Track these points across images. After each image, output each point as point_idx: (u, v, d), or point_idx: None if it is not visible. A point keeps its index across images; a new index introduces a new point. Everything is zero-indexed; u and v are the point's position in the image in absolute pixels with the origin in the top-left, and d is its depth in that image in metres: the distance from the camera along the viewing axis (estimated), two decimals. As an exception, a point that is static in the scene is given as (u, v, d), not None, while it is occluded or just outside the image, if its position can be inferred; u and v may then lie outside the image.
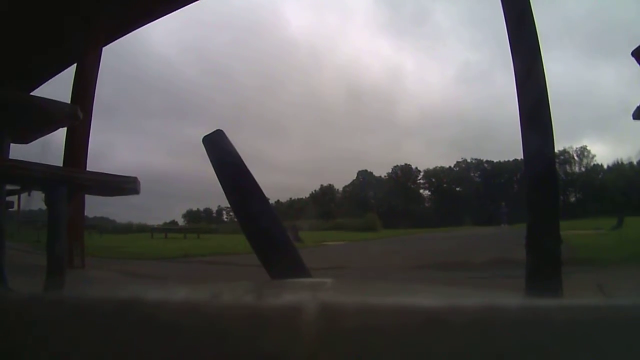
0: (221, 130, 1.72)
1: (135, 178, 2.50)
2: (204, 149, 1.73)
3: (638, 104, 2.79)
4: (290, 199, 74.43)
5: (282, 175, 75.65)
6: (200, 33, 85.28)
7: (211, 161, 1.71)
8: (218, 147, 1.71)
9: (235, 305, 0.54)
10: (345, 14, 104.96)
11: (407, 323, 0.49)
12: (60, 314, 0.57)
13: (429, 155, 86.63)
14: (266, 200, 1.73)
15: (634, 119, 2.89)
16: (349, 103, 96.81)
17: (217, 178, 1.70)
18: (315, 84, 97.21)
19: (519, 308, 0.55)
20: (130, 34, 7.43)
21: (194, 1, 6.59)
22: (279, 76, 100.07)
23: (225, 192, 1.70)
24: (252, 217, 1.70)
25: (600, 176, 63.60)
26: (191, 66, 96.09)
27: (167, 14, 6.89)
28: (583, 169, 66.49)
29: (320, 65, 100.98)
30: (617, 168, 61.27)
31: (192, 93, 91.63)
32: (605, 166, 65.11)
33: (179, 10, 6.84)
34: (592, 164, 66.55)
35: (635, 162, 58.20)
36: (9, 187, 2.82)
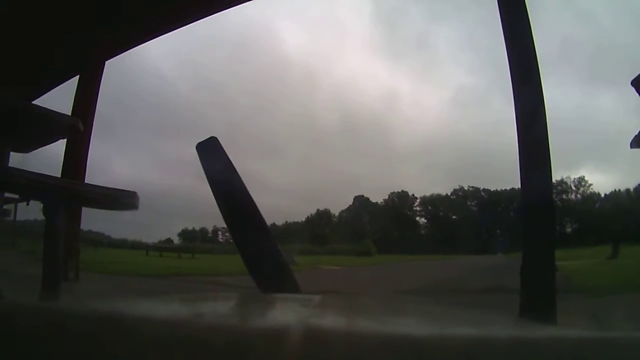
0: (215, 138, 1.72)
1: (135, 193, 2.49)
2: (197, 156, 1.73)
3: (636, 133, 2.79)
4: (286, 222, 74.24)
5: (278, 198, 75.04)
6: (194, 49, 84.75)
7: (203, 168, 1.71)
8: (211, 155, 1.71)
9: (220, 325, 0.54)
10: (340, 34, 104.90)
11: (396, 356, 0.49)
12: (45, 323, 0.58)
13: (425, 182, 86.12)
14: (257, 210, 1.72)
15: (631, 147, 2.89)
16: (344, 126, 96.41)
17: (209, 186, 1.69)
18: (310, 105, 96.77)
19: (510, 340, 0.55)
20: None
21: (199, 19, 6.62)
22: (274, 95, 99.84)
23: (216, 199, 1.70)
24: (242, 226, 1.69)
25: (597, 205, 63.55)
26: (186, 82, 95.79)
27: (172, 30, 6.90)
28: (579, 197, 66.46)
29: (315, 86, 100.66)
30: (614, 196, 61.26)
31: (187, 109, 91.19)
32: (602, 194, 65.19)
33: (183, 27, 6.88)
34: (589, 192, 66.59)
35: (632, 190, 58.31)
36: (7, 195, 2.82)
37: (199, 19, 6.64)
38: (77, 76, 7.09)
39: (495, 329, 0.71)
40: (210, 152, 1.72)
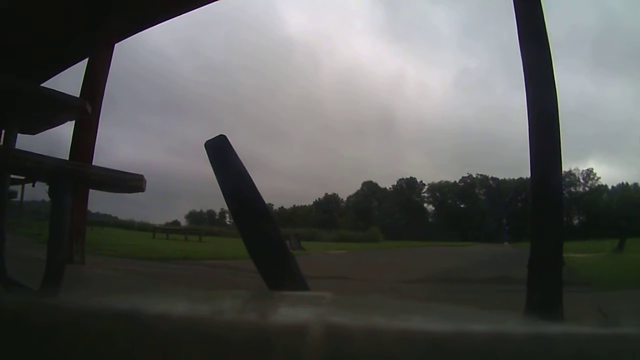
0: (224, 136, 1.69)
1: (142, 176, 2.48)
2: (206, 154, 1.71)
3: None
4: (294, 205, 74.47)
5: (286, 182, 75.48)
6: (196, 28, 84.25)
7: (213, 167, 1.69)
8: (220, 154, 1.69)
9: (238, 323, 0.53)
10: (342, 16, 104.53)
11: (413, 350, 0.49)
12: (58, 320, 0.57)
13: (432, 168, 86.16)
14: (267, 210, 1.70)
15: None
16: (349, 109, 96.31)
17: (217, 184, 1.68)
18: (313, 88, 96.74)
19: (525, 336, 0.54)
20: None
21: (211, 2, 6.59)
22: (278, 77, 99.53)
23: (225, 200, 1.68)
24: (251, 226, 1.67)
25: (604, 196, 63.43)
26: (189, 63, 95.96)
27: (182, 13, 6.89)
28: (587, 189, 66.36)
29: (318, 68, 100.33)
30: (622, 190, 61.13)
31: (190, 91, 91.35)
32: (609, 187, 65.09)
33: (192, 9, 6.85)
34: (596, 185, 66.47)
35: (640, 185, 58.24)
36: (13, 176, 2.82)
37: (209, 2, 6.62)
38: (87, 59, 7.10)
39: (510, 325, 0.70)
40: (219, 150, 1.69)
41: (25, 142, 2.79)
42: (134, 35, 7.47)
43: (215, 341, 0.50)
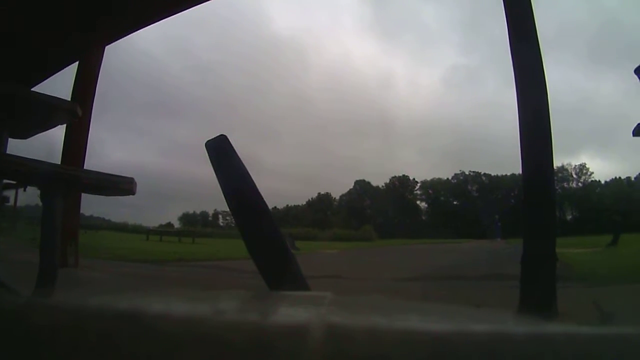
0: (224, 136, 1.69)
1: (132, 179, 2.49)
2: (206, 154, 1.70)
3: (639, 121, 2.78)
4: (287, 205, 74.40)
5: (278, 181, 74.93)
6: (186, 28, 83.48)
7: (213, 167, 1.69)
8: (221, 154, 1.69)
9: (238, 323, 0.53)
10: (331, 13, 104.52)
11: (414, 350, 0.49)
12: (59, 321, 0.56)
13: (425, 165, 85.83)
14: (267, 209, 1.70)
15: (634, 135, 2.88)
16: (341, 108, 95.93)
17: (217, 183, 1.67)
18: (303, 87, 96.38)
19: (525, 335, 0.54)
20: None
21: (202, 2, 6.56)
22: (267, 76, 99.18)
23: (226, 199, 1.67)
24: (252, 226, 1.67)
25: (597, 191, 63.56)
26: (176, 62, 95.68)
27: (173, 14, 6.85)
28: (580, 184, 66.51)
29: (307, 67, 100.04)
30: (615, 184, 61.28)
31: (181, 91, 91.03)
32: (602, 182, 65.25)
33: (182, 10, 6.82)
34: (589, 180, 66.62)
35: (633, 179, 58.40)
36: (5, 181, 2.81)
37: (201, 2, 6.60)
38: (77, 62, 7.09)
39: (510, 324, 0.70)
40: (220, 150, 1.69)
41: (18, 146, 2.78)
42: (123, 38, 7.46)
43: (215, 341, 0.50)
